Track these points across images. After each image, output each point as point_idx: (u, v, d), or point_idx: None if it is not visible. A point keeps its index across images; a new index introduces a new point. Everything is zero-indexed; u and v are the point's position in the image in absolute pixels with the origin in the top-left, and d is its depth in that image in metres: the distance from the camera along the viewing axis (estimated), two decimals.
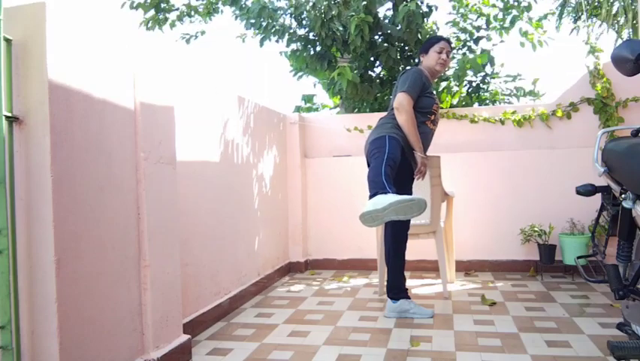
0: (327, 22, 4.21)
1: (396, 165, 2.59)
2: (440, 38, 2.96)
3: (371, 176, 2.52)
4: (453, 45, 3.32)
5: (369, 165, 2.73)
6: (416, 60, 4.34)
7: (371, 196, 2.41)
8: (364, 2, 3.90)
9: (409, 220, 2.94)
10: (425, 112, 2.81)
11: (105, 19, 1.89)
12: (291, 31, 4.51)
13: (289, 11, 4.50)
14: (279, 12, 4.52)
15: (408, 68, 2.90)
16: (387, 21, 4.47)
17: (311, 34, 4.47)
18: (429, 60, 2.91)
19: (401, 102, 2.70)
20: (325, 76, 4.94)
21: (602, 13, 7.18)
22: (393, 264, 2.89)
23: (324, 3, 4.10)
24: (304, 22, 4.53)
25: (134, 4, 5.47)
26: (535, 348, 2.27)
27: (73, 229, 1.67)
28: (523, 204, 3.92)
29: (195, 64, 2.86)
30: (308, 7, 4.20)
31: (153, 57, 2.15)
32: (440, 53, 2.89)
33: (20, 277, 1.59)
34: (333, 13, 4.12)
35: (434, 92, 2.93)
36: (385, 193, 2.36)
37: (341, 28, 4.34)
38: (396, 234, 2.88)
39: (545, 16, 4.55)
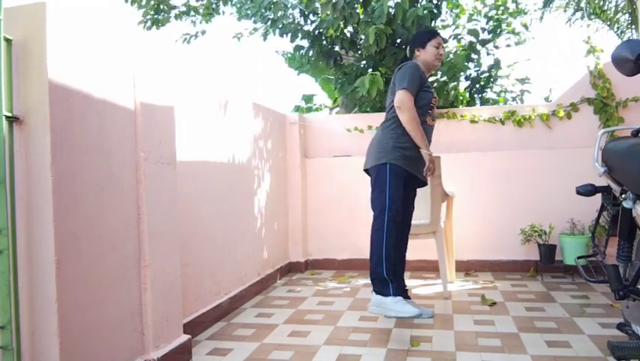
0: (344, 24, 4.20)
1: (399, 210, 2.62)
2: (436, 32, 2.89)
3: (374, 260, 2.60)
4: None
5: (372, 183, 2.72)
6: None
7: (375, 291, 2.57)
8: (386, 16, 3.85)
9: (410, 221, 2.91)
10: (424, 108, 2.73)
11: (105, 19, 1.89)
12: (299, 27, 4.50)
13: (298, 7, 4.49)
14: (288, 7, 4.50)
15: (403, 63, 2.80)
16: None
17: (316, 31, 4.45)
18: (427, 55, 2.82)
19: (402, 100, 2.61)
20: (330, 74, 4.93)
21: (602, 13, 7.17)
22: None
23: (347, 10, 4.05)
24: (312, 17, 4.50)
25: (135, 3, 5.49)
26: (535, 348, 2.27)
27: (73, 229, 1.67)
28: (523, 204, 3.92)
29: (194, 63, 2.86)
30: (328, 11, 4.13)
31: (153, 57, 2.14)
32: (438, 47, 2.81)
33: (20, 277, 1.59)
34: (354, 21, 4.10)
35: (430, 86, 2.87)
36: (386, 296, 2.51)
37: (351, 29, 4.33)
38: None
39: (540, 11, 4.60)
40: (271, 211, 3.89)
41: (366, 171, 2.78)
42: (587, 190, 1.97)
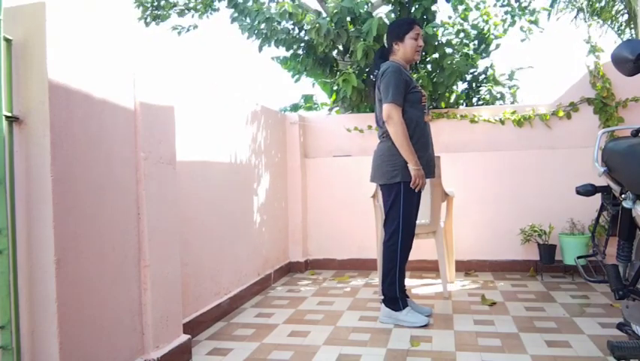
0: (333, 45, 4.23)
1: (413, 227, 2.70)
2: (413, 22, 2.75)
3: (387, 281, 2.70)
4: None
5: (384, 202, 2.73)
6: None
7: (385, 304, 2.74)
8: (375, 34, 3.84)
9: (415, 223, 2.89)
10: (419, 108, 2.68)
11: (105, 19, 1.89)
12: (294, 38, 4.51)
13: (291, 20, 4.49)
14: (281, 22, 4.51)
15: (385, 67, 2.67)
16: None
17: (311, 42, 4.47)
18: (406, 49, 2.69)
19: (390, 115, 2.56)
20: (328, 77, 4.94)
21: (603, 13, 7.17)
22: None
23: (335, 31, 4.07)
24: (306, 27, 4.52)
25: (137, 3, 5.52)
26: (535, 348, 2.27)
27: (74, 229, 1.67)
28: (523, 204, 3.92)
29: (194, 63, 2.86)
30: (312, 35, 4.15)
31: (153, 57, 2.14)
32: (417, 39, 2.68)
33: (20, 277, 1.59)
34: (342, 40, 4.11)
35: (417, 84, 2.77)
36: (397, 311, 2.70)
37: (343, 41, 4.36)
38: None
39: (537, 11, 4.60)
40: (271, 211, 3.89)
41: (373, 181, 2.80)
42: (586, 190, 1.97)
